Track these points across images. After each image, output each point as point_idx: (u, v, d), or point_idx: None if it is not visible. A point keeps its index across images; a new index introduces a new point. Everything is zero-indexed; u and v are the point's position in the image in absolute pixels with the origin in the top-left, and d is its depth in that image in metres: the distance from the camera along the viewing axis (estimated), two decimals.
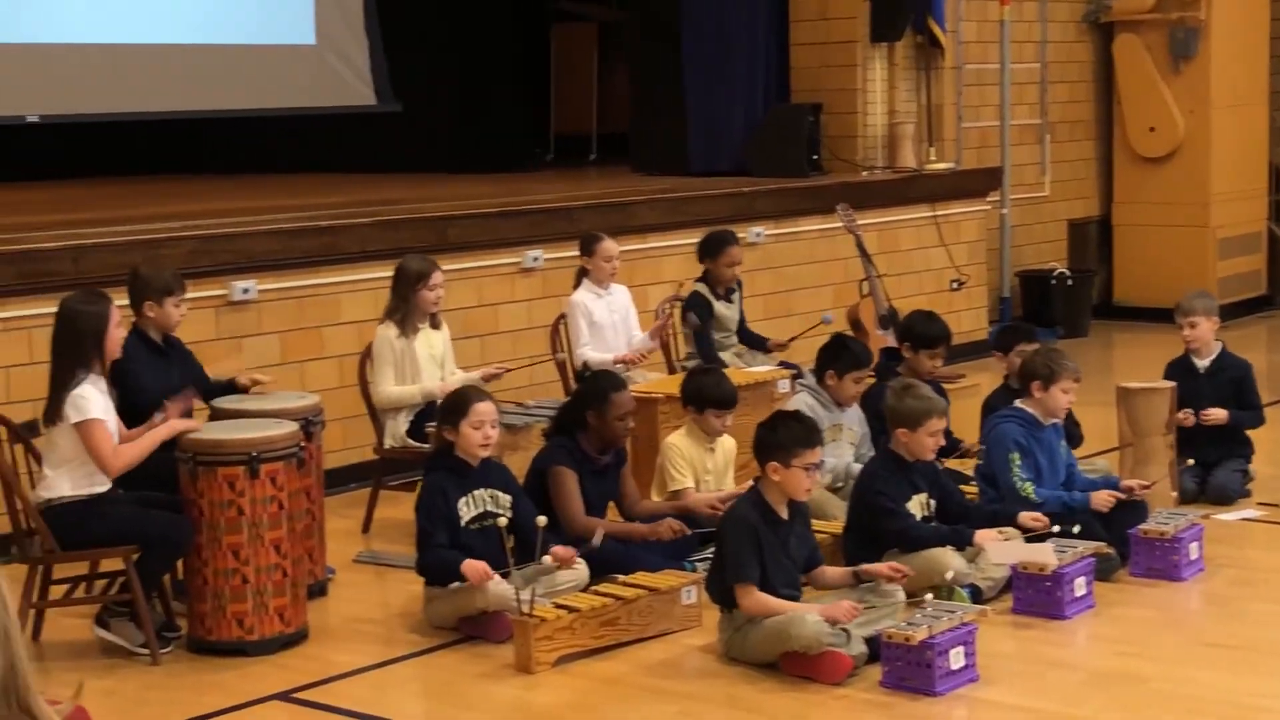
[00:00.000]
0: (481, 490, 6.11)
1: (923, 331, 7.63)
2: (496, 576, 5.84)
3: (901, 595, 5.77)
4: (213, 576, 5.86)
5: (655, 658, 5.79)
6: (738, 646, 5.67)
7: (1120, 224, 13.60)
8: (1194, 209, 13.19)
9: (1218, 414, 7.70)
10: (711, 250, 8.74)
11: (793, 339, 8.87)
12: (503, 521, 5.87)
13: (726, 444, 6.95)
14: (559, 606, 5.78)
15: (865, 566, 5.80)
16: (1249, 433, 7.95)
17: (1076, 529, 6.32)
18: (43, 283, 7.29)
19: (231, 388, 6.76)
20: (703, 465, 6.87)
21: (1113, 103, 13.56)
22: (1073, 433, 7.37)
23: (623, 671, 5.67)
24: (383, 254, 8.43)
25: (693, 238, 9.95)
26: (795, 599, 5.70)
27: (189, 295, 7.01)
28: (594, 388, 6.63)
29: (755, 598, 5.58)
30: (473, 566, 5.82)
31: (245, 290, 8.06)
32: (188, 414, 6.12)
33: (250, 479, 5.82)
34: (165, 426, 5.92)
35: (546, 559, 5.89)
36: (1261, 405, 7.98)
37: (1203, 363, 7.92)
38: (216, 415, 6.45)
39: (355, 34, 11.40)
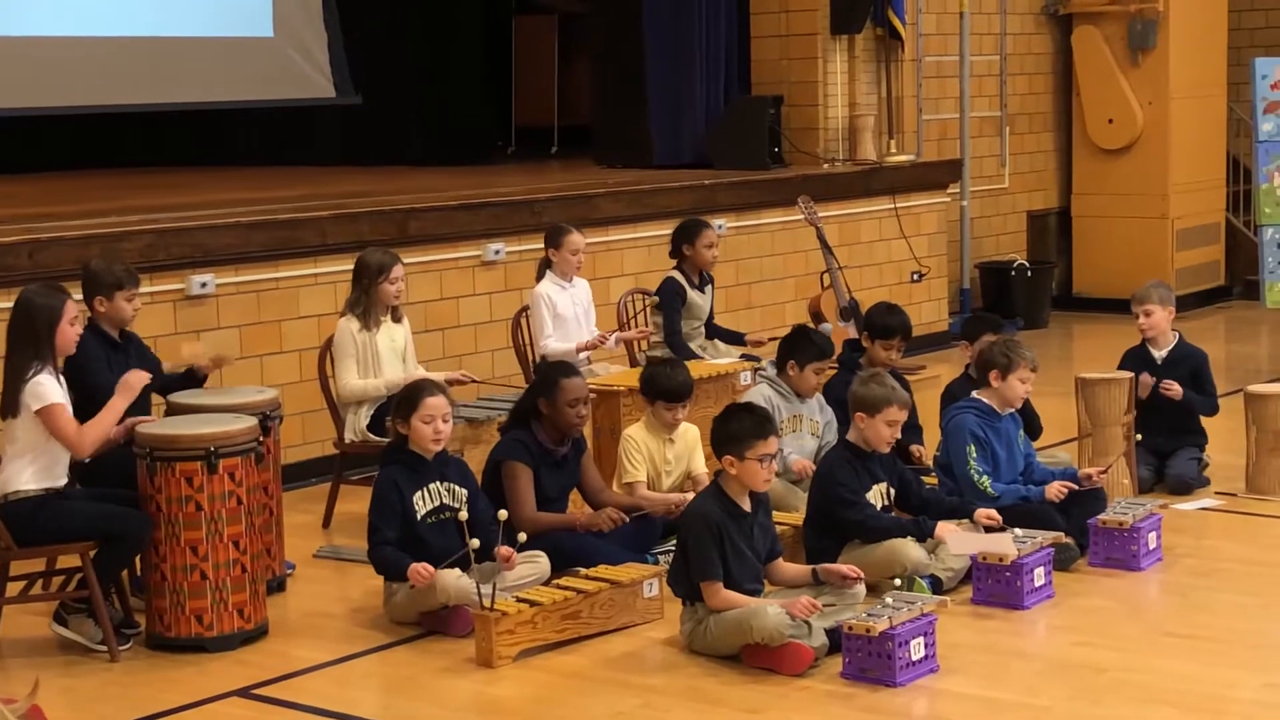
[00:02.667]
0: (437, 484, 6.10)
1: (880, 322, 7.66)
2: (445, 572, 5.82)
3: (862, 588, 5.79)
4: (171, 573, 5.83)
5: (617, 651, 5.80)
6: (700, 639, 5.68)
7: (1079, 215, 13.65)
8: (1152, 200, 13.24)
9: (1175, 388, 7.75)
10: (688, 235, 8.75)
11: (773, 339, 8.83)
12: (463, 515, 5.86)
13: (689, 434, 6.95)
14: (520, 600, 5.78)
15: (824, 566, 5.81)
16: (1204, 421, 8.00)
17: (1019, 532, 6.34)
18: None
19: (190, 377, 6.72)
20: (661, 457, 6.86)
21: (1072, 95, 13.60)
22: (1033, 425, 7.41)
23: (584, 665, 5.67)
24: (343, 247, 8.40)
25: (655, 230, 9.98)
26: (758, 593, 5.72)
27: (146, 289, 6.99)
28: (544, 376, 6.62)
29: (720, 594, 5.58)
30: (416, 571, 5.82)
31: (203, 284, 8.02)
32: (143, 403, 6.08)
33: (208, 474, 5.80)
34: (120, 394, 5.87)
35: (497, 550, 5.86)
36: (1217, 394, 8.03)
37: (1160, 352, 7.97)
38: (173, 410, 6.42)
39: (314, 26, 11.34)
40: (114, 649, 5.80)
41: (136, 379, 5.94)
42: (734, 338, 8.95)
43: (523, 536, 5.94)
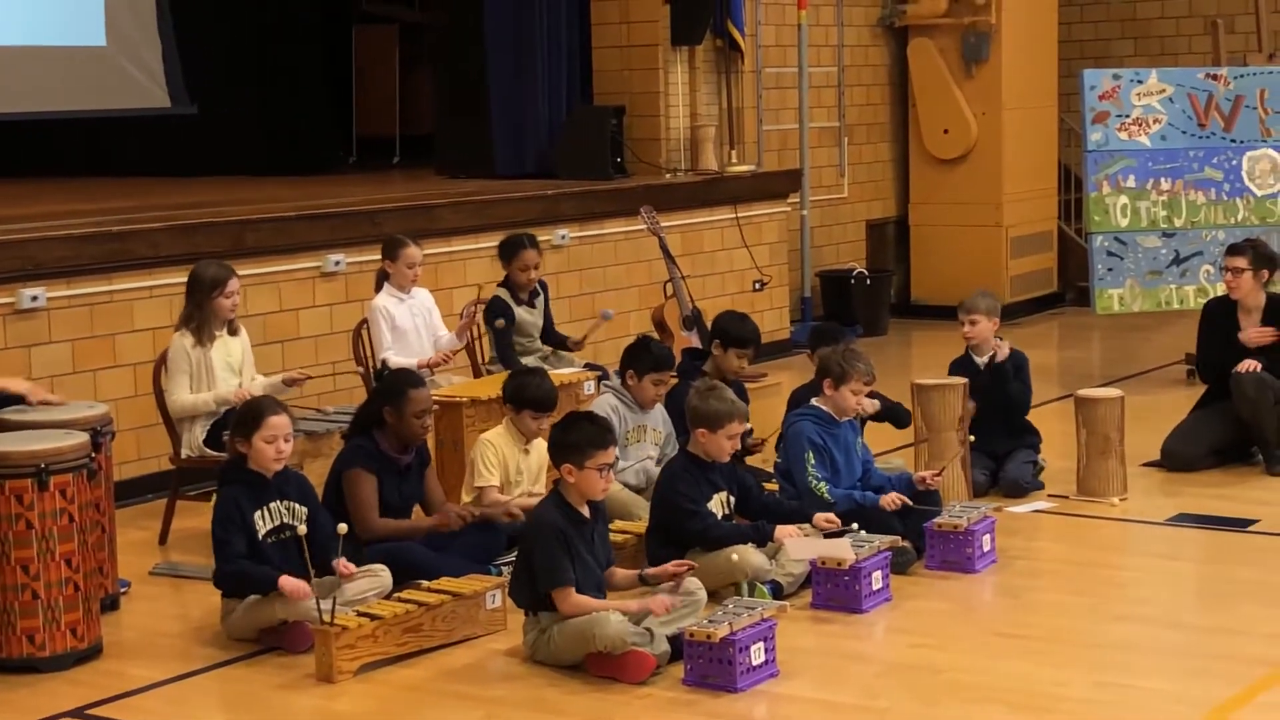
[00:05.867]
0: (277, 503, 6.03)
1: (733, 331, 7.72)
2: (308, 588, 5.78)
3: (703, 594, 5.83)
4: (1, 592, 5.70)
5: (459, 663, 5.78)
6: (542, 649, 5.68)
7: (916, 224, 13.89)
8: (987, 209, 13.52)
9: (1004, 347, 7.90)
10: (506, 254, 8.73)
11: (585, 337, 8.88)
12: (302, 530, 5.81)
13: (542, 447, 6.94)
14: (361, 614, 5.74)
15: (650, 570, 5.84)
16: (1038, 424, 8.16)
17: (856, 526, 6.44)
18: None
19: (19, 399, 6.58)
20: (515, 465, 6.86)
21: (908, 105, 13.84)
22: (899, 413, 7.62)
23: (426, 678, 5.65)
24: (177, 259, 8.28)
25: (498, 240, 9.94)
26: (601, 599, 5.73)
27: None
28: (391, 385, 6.59)
29: (574, 599, 5.58)
30: (293, 584, 5.73)
31: (34, 298, 7.85)
32: None
33: (39, 491, 5.67)
34: None
35: (336, 563, 5.80)
36: (1030, 392, 8.16)
37: (981, 359, 8.12)
38: (1, 426, 6.27)
39: (148, 35, 11.15)
40: None
41: None
42: (560, 341, 8.91)
43: (343, 527, 5.83)
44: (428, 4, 13.49)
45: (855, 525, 6.46)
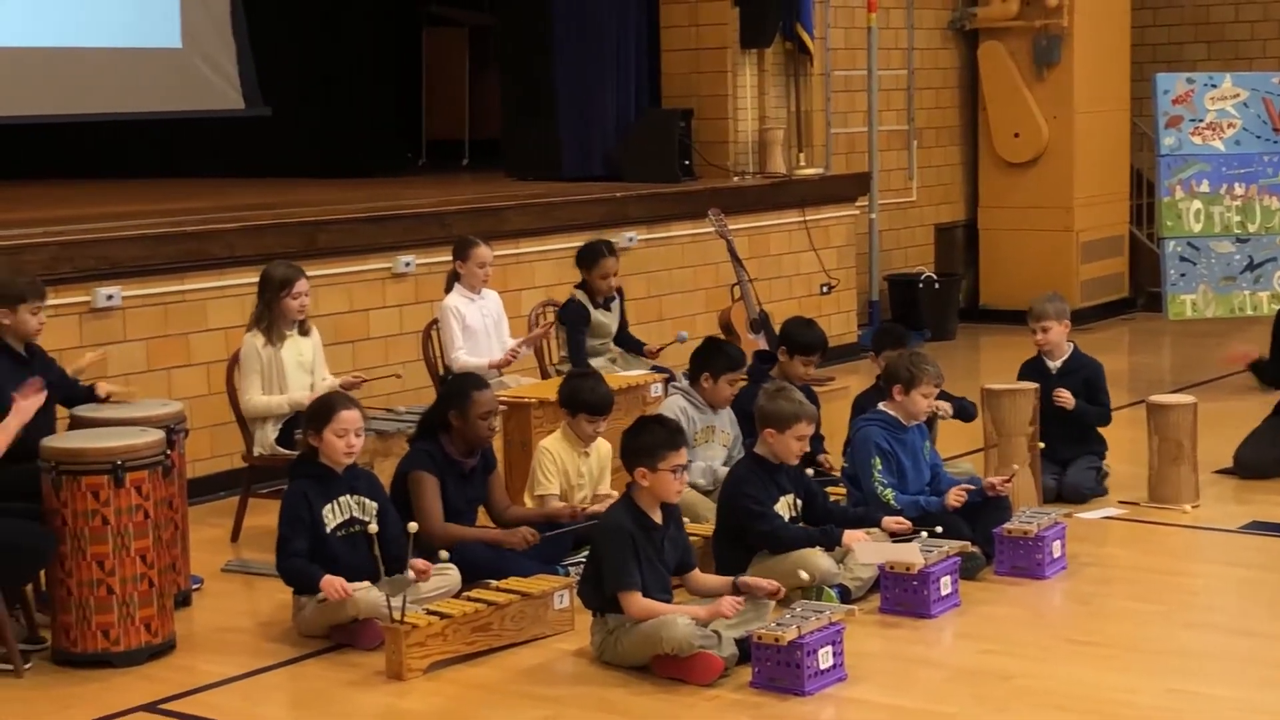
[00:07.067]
0: (347, 497, 6.08)
1: (799, 338, 7.72)
2: (355, 591, 5.81)
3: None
4: (77, 587, 5.77)
5: (527, 663, 5.80)
6: (610, 650, 5.70)
7: (986, 228, 13.82)
8: (1058, 213, 13.43)
9: (1067, 397, 7.86)
10: (586, 261, 8.79)
11: (662, 348, 8.93)
12: (373, 528, 5.86)
13: (602, 449, 6.96)
14: (431, 613, 5.77)
15: (745, 580, 5.81)
16: (1106, 431, 8.12)
17: (938, 529, 6.42)
18: None
19: (92, 395, 6.67)
20: (575, 470, 6.87)
21: (978, 109, 13.77)
22: (965, 407, 7.63)
23: (494, 677, 5.68)
24: (250, 259, 8.36)
25: (565, 243, 10.01)
26: (668, 602, 5.73)
27: (51, 302, 6.92)
28: (455, 388, 6.62)
29: (640, 603, 5.59)
30: (331, 584, 5.80)
31: (109, 297, 7.95)
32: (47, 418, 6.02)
33: (115, 488, 5.74)
34: (15, 413, 5.80)
35: (409, 572, 5.84)
36: (1110, 405, 8.14)
37: (1055, 363, 8.08)
38: (78, 423, 6.36)
39: (223, 37, 11.28)
40: (18, 664, 5.73)
41: (30, 403, 5.85)
42: (635, 346, 8.98)
43: (444, 554, 5.96)
44: (496, 7, 13.54)
45: (938, 528, 6.42)
